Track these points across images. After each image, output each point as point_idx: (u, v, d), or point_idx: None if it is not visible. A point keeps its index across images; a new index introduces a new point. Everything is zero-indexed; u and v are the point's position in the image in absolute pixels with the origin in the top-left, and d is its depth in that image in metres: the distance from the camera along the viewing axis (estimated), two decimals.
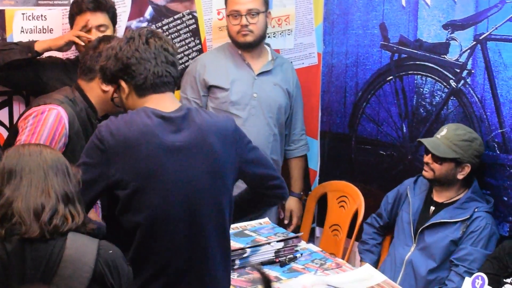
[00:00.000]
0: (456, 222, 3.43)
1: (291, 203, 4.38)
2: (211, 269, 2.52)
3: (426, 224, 3.52)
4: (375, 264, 3.82)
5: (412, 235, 3.57)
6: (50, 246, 2.09)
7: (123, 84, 2.48)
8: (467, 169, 3.45)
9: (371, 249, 3.91)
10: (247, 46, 3.98)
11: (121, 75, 2.46)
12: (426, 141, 3.54)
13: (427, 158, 3.52)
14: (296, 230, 4.31)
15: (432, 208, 3.58)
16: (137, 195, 2.39)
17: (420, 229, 3.54)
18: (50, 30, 3.72)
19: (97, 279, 2.10)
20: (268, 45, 4.18)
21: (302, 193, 4.44)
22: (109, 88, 2.89)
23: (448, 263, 3.43)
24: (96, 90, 3.18)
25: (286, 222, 4.35)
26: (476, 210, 3.42)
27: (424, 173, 3.56)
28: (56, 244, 2.10)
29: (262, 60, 4.09)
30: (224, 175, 2.52)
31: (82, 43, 3.46)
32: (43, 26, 3.71)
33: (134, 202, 2.40)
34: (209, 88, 4.02)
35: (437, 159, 3.46)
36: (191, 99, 4.01)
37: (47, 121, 3.05)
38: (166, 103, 2.48)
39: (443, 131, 3.50)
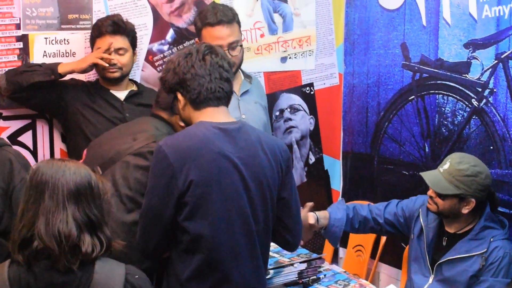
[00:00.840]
0: (473, 255, 3.31)
1: None
2: (261, 273, 2.70)
3: (443, 260, 3.37)
4: (334, 222, 3.65)
5: (429, 266, 3.45)
6: (79, 273, 2.10)
7: (179, 96, 2.65)
8: (472, 204, 3.28)
9: (339, 206, 3.75)
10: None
11: (177, 88, 2.65)
12: (426, 176, 3.41)
13: (430, 192, 3.39)
14: (320, 251, 4.29)
15: (445, 238, 3.45)
16: (201, 200, 2.51)
17: (437, 263, 3.42)
18: (73, 54, 3.76)
19: None
20: None
21: None
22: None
23: None
24: (177, 123, 3.08)
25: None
26: (492, 240, 3.28)
27: (428, 206, 3.43)
28: (85, 270, 2.11)
29: (237, 81, 3.94)
30: (270, 190, 2.66)
31: (106, 65, 3.52)
32: (66, 50, 3.75)
33: (200, 209, 2.52)
34: None
35: (439, 193, 3.33)
36: None
37: None
38: (220, 116, 2.64)
39: (446, 165, 3.34)
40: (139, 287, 2.17)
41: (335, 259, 4.59)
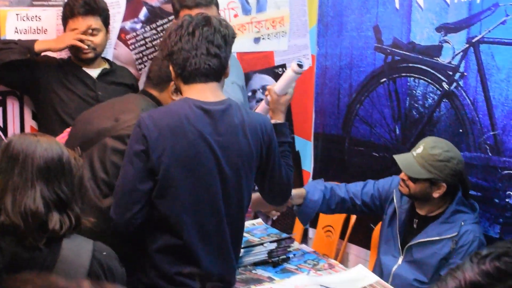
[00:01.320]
0: (444, 239, 3.36)
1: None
2: (227, 254, 2.68)
3: (413, 242, 3.40)
4: (309, 203, 3.66)
5: (399, 247, 3.49)
6: (45, 250, 2.09)
7: (170, 67, 2.62)
8: (443, 189, 3.32)
9: (316, 185, 3.74)
10: None
11: (168, 58, 2.61)
12: (399, 160, 3.43)
13: (402, 175, 3.41)
14: (289, 231, 4.32)
15: (416, 220, 3.48)
16: (173, 181, 2.50)
17: (407, 245, 3.46)
18: (44, 31, 3.73)
19: (92, 280, 2.11)
20: None
21: None
22: (180, 96, 2.92)
23: (438, 277, 3.37)
24: (167, 101, 3.07)
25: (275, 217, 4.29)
26: (463, 224, 3.32)
27: (399, 188, 3.46)
28: (51, 247, 2.10)
29: None
30: (247, 175, 2.65)
31: (85, 47, 3.51)
32: (37, 27, 3.72)
33: (171, 189, 2.52)
34: None
35: (411, 177, 3.36)
36: None
37: None
38: (207, 93, 2.58)
39: (419, 149, 3.36)
40: (106, 264, 2.16)
41: (304, 239, 4.62)
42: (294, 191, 3.58)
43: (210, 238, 2.60)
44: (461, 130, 3.70)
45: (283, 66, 4.60)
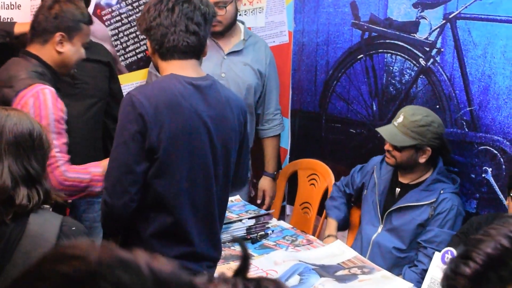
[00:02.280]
0: (422, 205, 3.45)
1: (265, 182, 4.38)
2: (215, 231, 2.67)
3: (393, 208, 3.52)
4: (341, 222, 3.85)
5: (379, 216, 3.57)
6: (11, 225, 2.07)
7: (148, 42, 2.58)
8: (428, 153, 3.43)
9: (340, 206, 3.89)
10: (217, 34, 3.93)
11: (146, 34, 2.56)
12: (382, 131, 3.52)
13: (387, 146, 3.50)
14: (268, 209, 4.32)
15: (398, 189, 3.58)
16: (171, 158, 2.46)
17: (387, 212, 3.54)
18: (18, 6, 3.67)
19: None
20: (243, 23, 4.16)
21: (275, 172, 4.44)
22: (64, 49, 2.95)
23: (416, 244, 3.45)
24: (51, 52, 3.00)
25: (259, 201, 4.34)
26: (442, 191, 3.42)
27: (386, 159, 3.56)
28: (18, 222, 2.08)
29: (234, 40, 4.05)
30: (233, 149, 2.64)
31: None
32: (10, 2, 3.65)
33: (169, 167, 2.48)
34: None
35: (396, 146, 3.45)
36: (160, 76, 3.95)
37: (48, 103, 2.86)
38: (189, 70, 2.55)
39: (400, 118, 3.45)
40: (75, 239, 2.12)
41: (282, 216, 4.63)
42: (331, 231, 3.82)
43: (200, 215, 2.58)
44: (437, 106, 3.72)
45: None
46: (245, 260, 0.77)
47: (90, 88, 3.68)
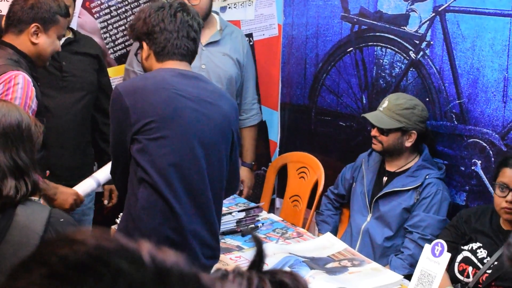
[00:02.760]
0: (408, 190, 3.50)
1: (243, 173, 4.32)
2: (210, 215, 2.68)
3: (380, 194, 3.58)
4: (333, 231, 3.88)
5: (368, 205, 3.64)
6: None
7: (145, 45, 2.69)
8: (414, 136, 3.52)
9: (326, 219, 3.94)
10: None
11: (144, 37, 2.68)
12: (369, 116, 3.61)
13: (373, 132, 3.58)
14: (257, 201, 4.32)
15: (385, 178, 3.64)
16: (154, 137, 2.54)
17: (374, 199, 3.60)
18: None
19: None
20: (217, 13, 4.14)
21: (253, 163, 4.40)
22: (39, 40, 2.98)
23: (403, 231, 3.50)
24: (26, 43, 2.99)
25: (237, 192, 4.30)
26: (427, 177, 3.49)
27: (373, 146, 3.63)
28: (5, 213, 2.07)
29: (210, 31, 4.01)
30: (228, 134, 2.70)
31: None
32: None
33: (153, 143, 2.55)
34: None
35: (382, 131, 3.53)
36: (138, 72, 3.92)
37: (17, 88, 2.84)
38: (181, 67, 2.68)
39: (385, 103, 3.56)
40: (64, 230, 2.11)
41: (271, 209, 4.63)
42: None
43: (192, 194, 2.60)
44: (427, 99, 3.73)
45: (250, 35, 4.57)
46: (259, 253, 0.77)
47: (79, 81, 3.67)
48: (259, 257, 0.75)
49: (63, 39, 3.62)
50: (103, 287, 0.60)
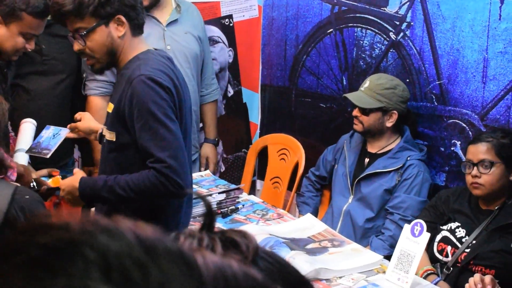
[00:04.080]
0: (390, 172, 3.52)
1: (207, 149, 4.27)
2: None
3: (362, 175, 3.59)
4: (314, 213, 3.89)
5: (349, 186, 3.65)
6: None
7: (123, 19, 2.51)
8: (395, 116, 3.52)
9: (307, 201, 3.95)
10: (147, 8, 3.71)
11: (127, 10, 2.51)
12: (350, 96, 3.61)
13: (355, 112, 3.59)
14: (234, 182, 4.31)
15: (367, 159, 3.65)
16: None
17: (356, 180, 3.61)
18: None
19: (10, 224, 2.06)
20: None
21: (217, 139, 4.35)
22: None
23: (384, 212, 3.52)
24: (7, 39, 2.95)
25: (202, 169, 4.27)
26: (408, 158, 3.51)
27: (354, 126, 3.64)
28: None
29: (167, 10, 3.92)
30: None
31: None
32: None
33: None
34: None
35: (363, 111, 3.54)
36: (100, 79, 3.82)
37: None
38: (148, 43, 2.65)
39: (366, 83, 3.58)
40: (28, 208, 2.10)
41: (252, 191, 4.63)
42: None
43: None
44: (407, 80, 3.73)
45: (230, 17, 4.54)
46: (209, 215, 0.77)
47: (59, 64, 3.63)
48: (209, 218, 0.76)
49: None
50: (91, 270, 0.59)
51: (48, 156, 3.04)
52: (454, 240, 3.10)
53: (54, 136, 3.15)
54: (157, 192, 2.45)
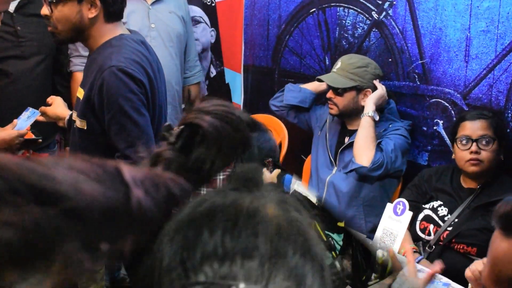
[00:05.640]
0: None
1: None
2: None
3: (345, 145, 3.60)
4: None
5: (332, 160, 3.65)
6: None
7: (98, 2, 2.44)
8: (369, 94, 3.53)
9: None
10: None
11: None
12: (323, 77, 3.63)
13: (329, 94, 3.61)
14: None
15: (347, 138, 3.65)
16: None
17: (339, 151, 3.61)
18: None
19: None
20: None
21: None
22: None
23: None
24: None
25: None
26: (390, 125, 3.53)
27: (330, 111, 3.65)
28: None
29: None
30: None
31: None
32: None
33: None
34: None
35: (337, 92, 3.55)
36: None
37: None
38: (124, 28, 2.56)
39: (338, 64, 3.60)
40: None
41: None
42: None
43: None
44: (390, 60, 3.73)
45: None
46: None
47: (36, 45, 3.58)
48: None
49: (16, 1, 3.52)
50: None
51: None
52: (437, 218, 3.11)
53: (28, 118, 3.14)
54: None
